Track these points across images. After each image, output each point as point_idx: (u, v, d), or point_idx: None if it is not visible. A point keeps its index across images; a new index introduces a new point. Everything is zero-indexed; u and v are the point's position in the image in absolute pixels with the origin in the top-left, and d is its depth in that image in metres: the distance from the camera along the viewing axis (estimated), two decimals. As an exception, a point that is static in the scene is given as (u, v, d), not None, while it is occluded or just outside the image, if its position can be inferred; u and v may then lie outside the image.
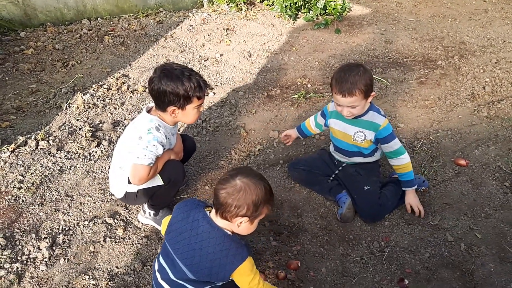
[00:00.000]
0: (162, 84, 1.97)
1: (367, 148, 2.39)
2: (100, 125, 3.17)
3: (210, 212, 1.72)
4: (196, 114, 2.12)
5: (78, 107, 3.34)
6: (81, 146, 2.94)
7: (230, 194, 1.58)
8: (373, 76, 3.74)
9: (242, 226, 1.65)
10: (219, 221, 1.68)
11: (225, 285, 1.75)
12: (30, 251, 2.22)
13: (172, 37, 4.53)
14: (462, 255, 2.20)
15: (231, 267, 1.61)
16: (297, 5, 4.83)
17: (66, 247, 2.25)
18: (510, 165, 2.74)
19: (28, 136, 3.02)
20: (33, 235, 2.30)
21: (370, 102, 2.31)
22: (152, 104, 2.16)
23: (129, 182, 2.15)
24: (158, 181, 2.16)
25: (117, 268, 2.15)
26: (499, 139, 2.98)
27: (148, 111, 2.14)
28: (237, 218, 1.61)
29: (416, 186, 2.42)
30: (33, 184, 2.63)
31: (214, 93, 3.60)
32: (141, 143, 2.02)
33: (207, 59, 4.11)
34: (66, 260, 2.18)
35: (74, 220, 2.41)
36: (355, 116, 2.29)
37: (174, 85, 1.96)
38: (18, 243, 2.25)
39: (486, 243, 2.26)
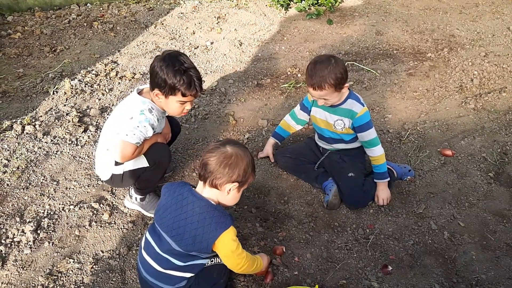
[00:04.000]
0: (159, 66, 2.00)
1: (347, 135, 2.41)
2: (88, 110, 3.14)
3: (195, 189, 1.77)
4: (178, 108, 2.10)
5: (65, 93, 3.30)
6: (68, 131, 2.91)
7: (221, 160, 1.64)
8: (363, 66, 3.75)
9: (231, 193, 1.71)
10: (206, 191, 1.72)
11: (206, 270, 1.78)
12: (14, 234, 2.20)
13: (163, 24, 4.49)
14: (445, 243, 2.24)
15: (214, 234, 1.64)
16: (289, -6, 4.80)
17: (51, 231, 2.24)
18: (495, 156, 2.77)
19: (14, 120, 2.98)
20: (18, 219, 2.28)
21: (350, 90, 2.33)
22: (143, 86, 2.17)
23: (116, 164, 2.15)
24: (143, 162, 2.16)
25: (102, 252, 2.15)
26: (485, 131, 3.01)
27: (139, 93, 2.14)
28: (227, 184, 1.67)
29: (388, 179, 2.40)
30: (18, 168, 2.60)
31: (204, 81, 3.58)
32: (132, 122, 2.03)
33: (198, 47, 4.08)
34: (51, 244, 2.17)
35: (59, 204, 2.39)
36: (334, 105, 2.32)
37: (166, 71, 1.98)
38: (2, 227, 2.24)
39: (469, 231, 2.30)
